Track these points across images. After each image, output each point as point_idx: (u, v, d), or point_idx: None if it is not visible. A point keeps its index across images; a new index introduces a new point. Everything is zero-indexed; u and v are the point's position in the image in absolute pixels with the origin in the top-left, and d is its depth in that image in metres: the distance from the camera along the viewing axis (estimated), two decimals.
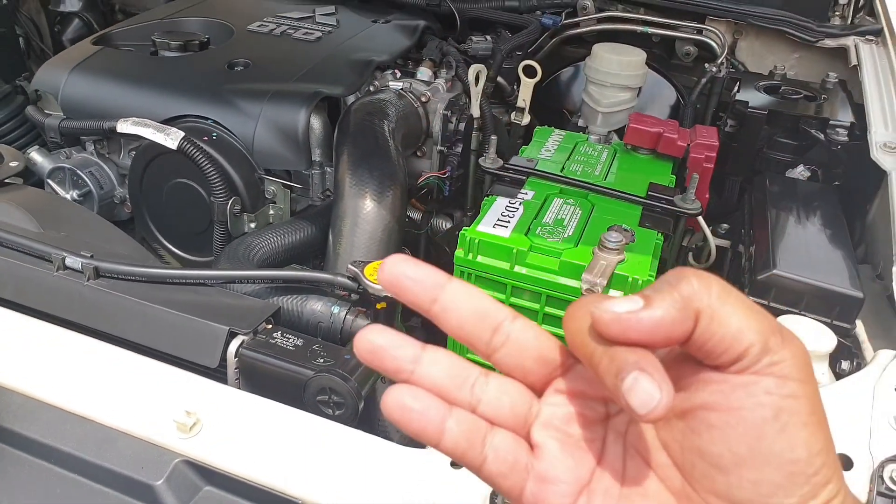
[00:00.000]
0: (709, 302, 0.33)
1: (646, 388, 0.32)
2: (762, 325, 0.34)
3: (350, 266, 1.00)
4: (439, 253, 1.62)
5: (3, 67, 1.90)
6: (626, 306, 0.33)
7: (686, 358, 0.36)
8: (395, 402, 0.35)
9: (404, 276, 0.36)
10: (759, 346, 0.33)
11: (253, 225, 1.37)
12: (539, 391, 0.39)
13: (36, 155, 1.57)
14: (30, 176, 1.54)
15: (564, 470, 0.37)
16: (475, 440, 0.36)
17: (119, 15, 2.42)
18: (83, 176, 1.54)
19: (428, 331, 1.60)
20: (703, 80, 1.73)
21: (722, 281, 0.34)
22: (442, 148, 1.51)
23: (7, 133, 1.73)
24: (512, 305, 1.14)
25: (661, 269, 1.15)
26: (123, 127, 1.36)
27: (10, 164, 1.34)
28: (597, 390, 0.38)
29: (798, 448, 0.34)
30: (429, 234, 1.59)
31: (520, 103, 1.60)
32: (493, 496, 0.75)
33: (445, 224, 1.66)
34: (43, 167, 1.57)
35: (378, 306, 1.00)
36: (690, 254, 1.52)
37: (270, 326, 0.97)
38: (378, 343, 0.36)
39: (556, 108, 1.92)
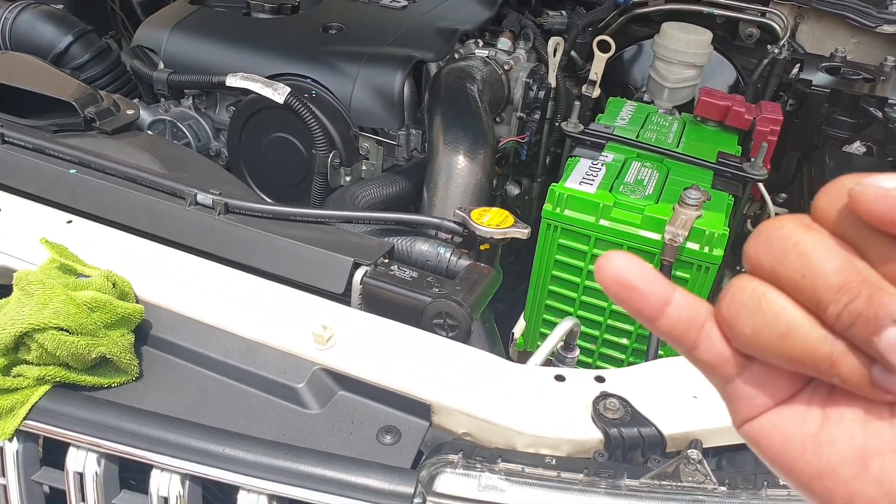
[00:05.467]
0: None
1: None
2: None
3: (457, 211, 1.11)
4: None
5: (96, 24, 2.01)
6: None
7: None
8: (615, 276, 0.32)
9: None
10: None
11: (348, 178, 1.48)
12: None
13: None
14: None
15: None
16: (692, 327, 0.32)
17: None
18: (182, 128, 1.66)
19: (517, 275, 1.71)
20: (765, 61, 1.82)
21: None
22: (521, 114, 1.61)
23: (105, 86, 1.84)
24: (594, 256, 1.24)
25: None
26: (233, 81, 1.47)
27: (128, 112, 1.45)
28: None
29: None
30: (502, 196, 1.69)
31: (592, 76, 1.69)
32: (597, 401, 0.84)
33: (514, 190, 1.76)
34: (143, 119, 1.69)
35: (482, 247, 1.11)
36: (749, 220, 1.62)
37: (388, 261, 1.08)
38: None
39: (619, 83, 2.01)
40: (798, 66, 1.78)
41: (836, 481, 0.30)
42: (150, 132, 1.68)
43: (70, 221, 1.10)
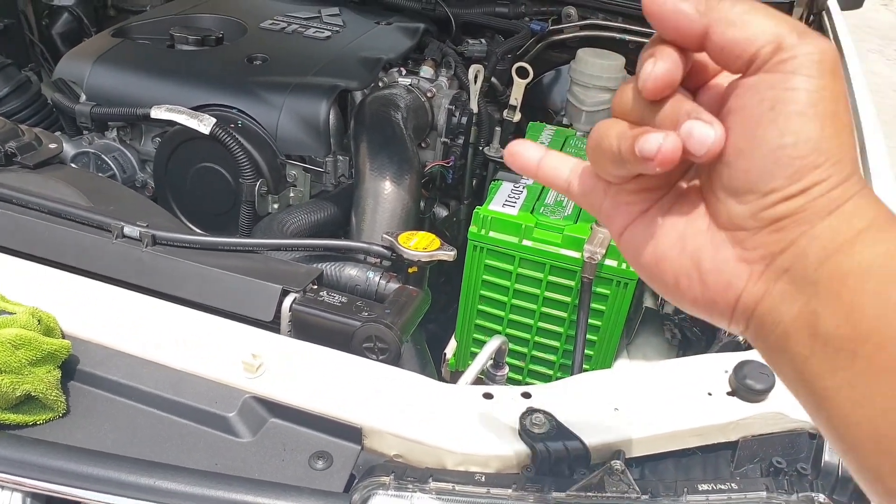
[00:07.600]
0: (723, 10, 0.37)
1: (701, 131, 0.37)
2: (777, 27, 0.36)
3: (385, 236, 1.14)
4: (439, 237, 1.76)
5: (15, 57, 1.97)
6: None
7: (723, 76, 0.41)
8: (511, 148, 0.50)
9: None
10: (771, 47, 0.36)
11: (276, 206, 1.49)
12: None
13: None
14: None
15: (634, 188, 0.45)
16: (559, 172, 0.48)
17: (111, 10, 2.49)
18: (107, 160, 1.64)
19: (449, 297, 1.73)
20: None
21: None
22: (445, 139, 1.65)
23: (25, 120, 1.80)
24: (519, 275, 1.29)
25: None
26: (158, 113, 1.47)
27: (50, 146, 1.43)
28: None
29: (787, 135, 0.36)
30: (431, 218, 1.73)
31: (512, 101, 1.75)
32: (523, 417, 0.87)
33: (443, 212, 1.80)
34: (66, 152, 1.66)
35: (410, 270, 1.13)
36: None
37: (316, 287, 1.10)
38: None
39: (539, 107, 2.08)
40: None
41: (666, 262, 0.42)
42: (73, 165, 1.66)
43: None
